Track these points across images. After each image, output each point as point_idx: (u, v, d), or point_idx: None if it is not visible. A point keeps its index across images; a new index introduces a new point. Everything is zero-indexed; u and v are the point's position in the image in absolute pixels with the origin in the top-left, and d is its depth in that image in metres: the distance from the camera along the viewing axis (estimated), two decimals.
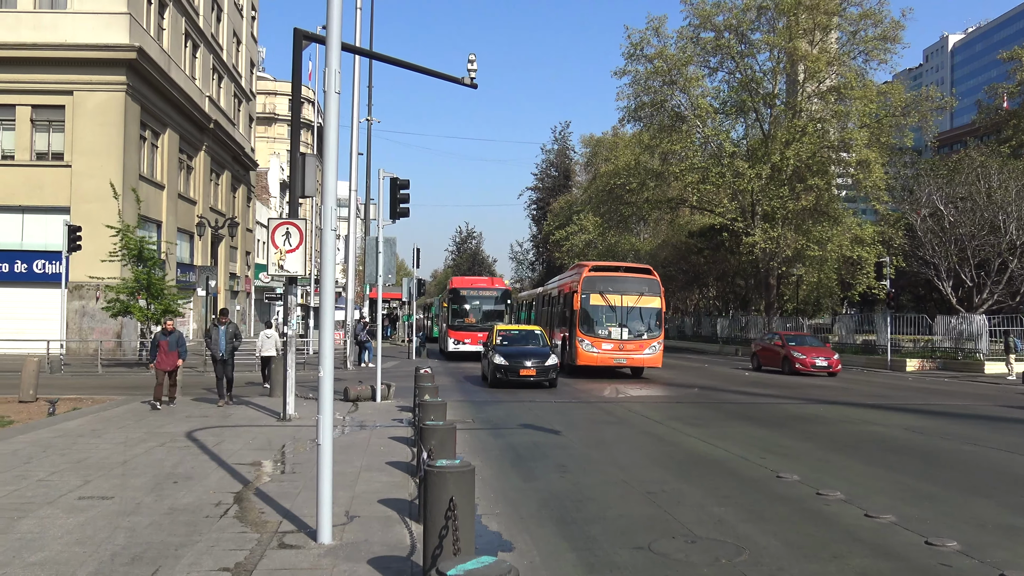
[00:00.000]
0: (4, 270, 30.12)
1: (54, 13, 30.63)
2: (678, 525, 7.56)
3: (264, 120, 71.49)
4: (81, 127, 30.05)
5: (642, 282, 25.82)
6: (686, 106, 42.24)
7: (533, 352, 21.91)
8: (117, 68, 30.14)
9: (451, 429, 7.33)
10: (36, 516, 7.32)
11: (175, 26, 36.61)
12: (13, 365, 21.22)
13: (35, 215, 30.36)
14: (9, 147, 30.74)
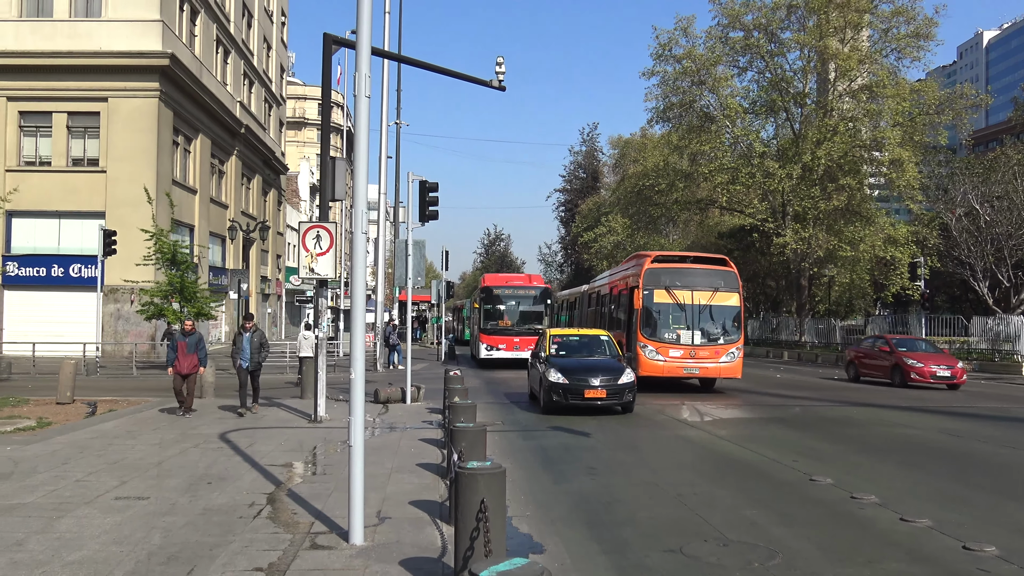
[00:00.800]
0: (41, 274, 30.68)
1: (89, 21, 31.15)
2: (709, 528, 7.50)
3: (294, 124, 72.16)
4: (116, 133, 30.53)
5: (716, 275, 21.74)
6: (715, 106, 41.96)
7: (601, 366, 16.47)
8: (150, 75, 30.58)
9: (481, 431, 7.35)
10: (74, 516, 7.44)
11: (207, 33, 37.08)
12: (51, 367, 21.61)
13: (71, 220, 30.89)
14: (46, 153, 31.31)
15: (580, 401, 15.61)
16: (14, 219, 30.71)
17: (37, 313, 30.06)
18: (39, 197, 30.37)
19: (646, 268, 21.42)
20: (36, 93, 30.48)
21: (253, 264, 43.06)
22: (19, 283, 30.69)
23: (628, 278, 23.18)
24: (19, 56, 29.65)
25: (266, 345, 15.70)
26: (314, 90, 74.91)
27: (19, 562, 6.06)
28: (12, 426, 12.98)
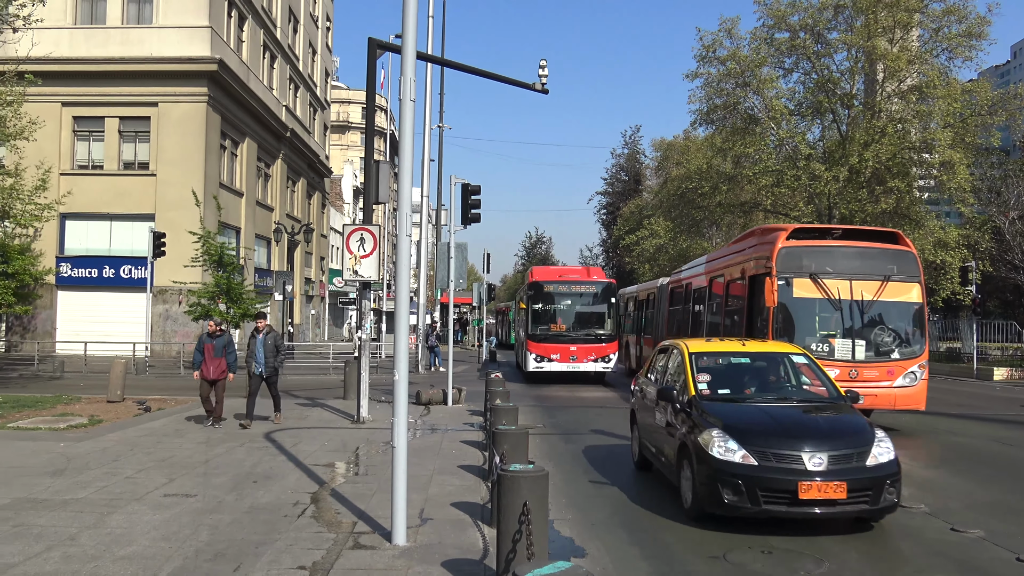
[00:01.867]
0: (93, 275, 31.41)
1: (140, 28, 31.85)
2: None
3: (338, 128, 72.97)
4: (165, 137, 31.15)
5: (885, 256, 14.79)
6: (760, 108, 41.46)
7: (823, 426, 8.37)
8: (199, 80, 31.16)
9: (524, 434, 7.35)
10: (124, 512, 7.60)
11: (254, 38, 37.68)
12: (102, 366, 22.13)
13: (122, 222, 31.57)
14: (98, 157, 32.07)
15: (787, 506, 7.35)
16: (68, 221, 31.48)
17: (89, 313, 30.78)
18: (92, 200, 31.09)
19: (780, 248, 14.46)
20: (89, 99, 31.22)
21: (297, 266, 43.61)
22: (72, 284, 31.46)
23: (747, 263, 16.06)
24: (73, 63, 30.38)
25: (282, 348, 14.38)
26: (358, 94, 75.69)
27: (72, 556, 6.21)
28: (65, 423, 13.31)
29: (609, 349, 24.73)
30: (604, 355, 24.52)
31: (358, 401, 14.48)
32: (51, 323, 31.14)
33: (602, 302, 25.82)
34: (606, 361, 24.57)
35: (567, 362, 24.46)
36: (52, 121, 29.47)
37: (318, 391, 20.40)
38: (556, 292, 25.93)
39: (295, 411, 15.95)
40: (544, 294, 25.65)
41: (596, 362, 24.37)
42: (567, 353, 24.59)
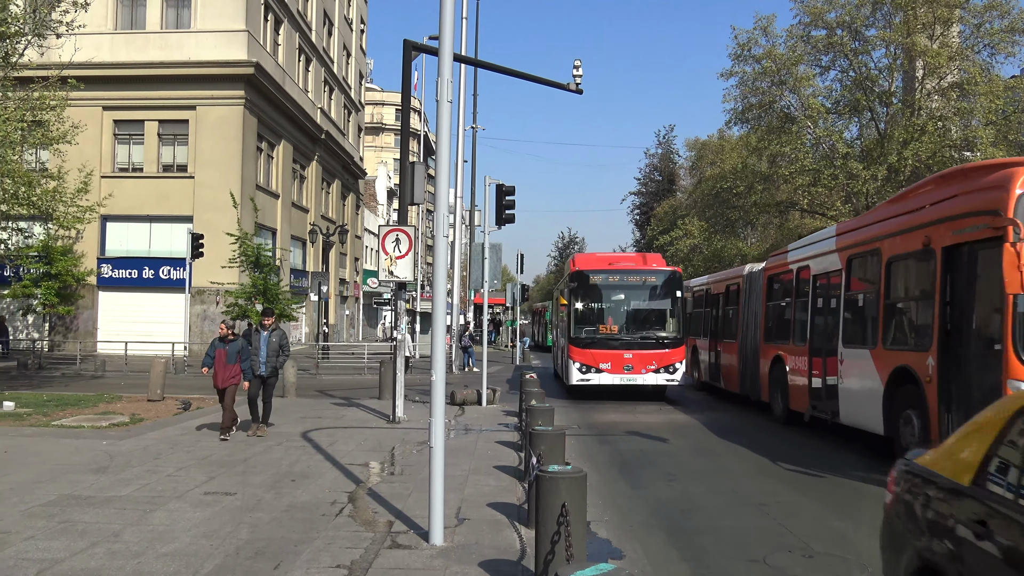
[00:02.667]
0: (133, 276, 31.95)
1: (179, 33, 32.33)
2: (794, 539, 7.32)
3: (372, 130, 73.45)
4: (203, 140, 31.59)
5: None
6: (796, 107, 40.99)
7: None
8: (236, 83, 31.55)
9: (560, 435, 7.34)
10: (166, 509, 7.71)
11: (289, 41, 38.06)
12: (142, 365, 22.49)
13: (161, 224, 32.07)
14: (138, 160, 32.61)
15: None
16: (108, 223, 32.04)
17: (129, 313, 31.30)
18: (132, 202, 31.62)
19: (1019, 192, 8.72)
20: (129, 103, 31.76)
21: (332, 267, 43.98)
22: (113, 284, 32.02)
23: (936, 226, 10.22)
24: (114, 67, 30.92)
25: (286, 347, 13.11)
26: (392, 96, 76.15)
27: (116, 552, 6.31)
28: (107, 421, 13.55)
29: (674, 356, 19.73)
30: (668, 364, 19.56)
31: (393, 401, 14.56)
32: (93, 323, 31.73)
33: (664, 296, 20.61)
34: (670, 372, 19.58)
35: (620, 373, 19.48)
36: (93, 125, 30.01)
37: (354, 391, 20.56)
38: (605, 284, 20.64)
39: (331, 411, 16.09)
40: (590, 287, 20.48)
41: (658, 373, 19.50)
42: (620, 362, 19.55)
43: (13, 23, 17.69)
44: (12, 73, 18.06)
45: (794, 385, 14.97)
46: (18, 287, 28.75)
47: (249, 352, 12.52)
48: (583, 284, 20.46)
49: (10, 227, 21.78)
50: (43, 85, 18.83)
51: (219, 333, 12.55)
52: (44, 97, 18.81)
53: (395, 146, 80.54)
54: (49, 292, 28.69)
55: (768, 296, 17.49)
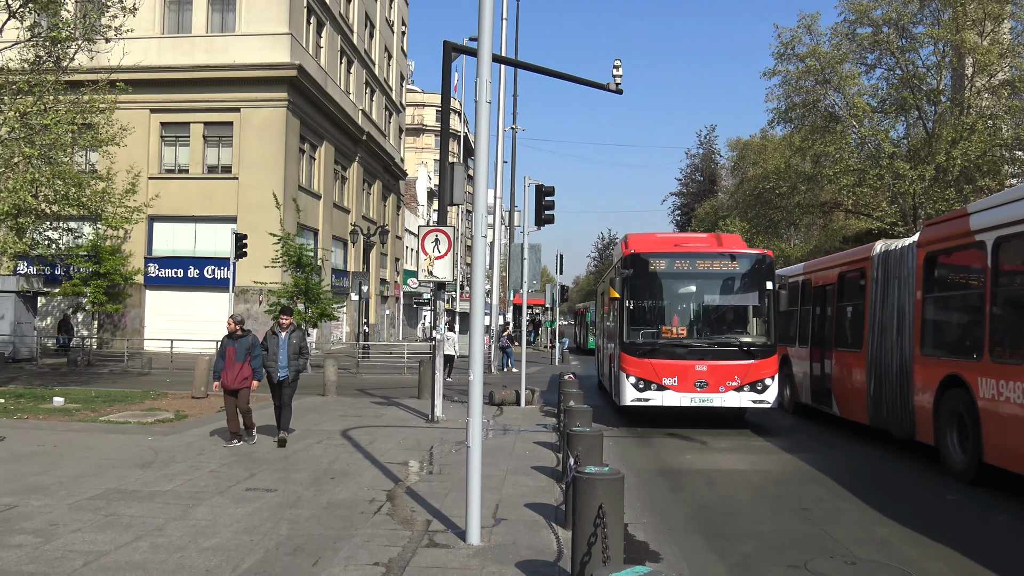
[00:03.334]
0: (179, 275, 32.55)
1: (224, 36, 32.86)
2: (836, 544, 7.19)
3: (412, 131, 73.92)
4: (247, 142, 32.07)
5: None
6: (841, 106, 40.38)
7: None
8: (279, 85, 31.98)
9: (598, 436, 7.30)
10: (208, 504, 7.84)
11: (331, 44, 38.48)
12: (187, 363, 22.91)
13: (206, 224, 32.62)
14: (184, 161, 33.22)
15: None
16: (155, 223, 32.68)
17: (175, 312, 31.90)
18: (177, 203, 32.21)
19: None
20: (176, 105, 32.37)
21: (373, 267, 44.34)
22: (159, 283, 32.66)
23: None
24: (161, 71, 31.54)
25: (305, 351, 12.27)
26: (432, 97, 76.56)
27: (160, 546, 6.43)
28: (153, 418, 13.82)
29: (763, 368, 14.37)
30: (756, 379, 14.26)
31: (432, 400, 14.63)
32: (139, 321, 32.39)
33: (750, 288, 15.18)
34: (758, 390, 14.27)
35: (690, 391, 14.21)
36: (141, 127, 30.63)
37: (393, 390, 20.70)
38: (671, 273, 15.12)
39: (371, 409, 16.21)
40: (650, 276, 14.99)
41: (741, 391, 14.18)
42: (690, 375, 14.27)
43: (64, 28, 18.10)
44: (63, 77, 18.48)
45: (995, 424, 9.31)
46: (68, 286, 29.45)
47: (260, 350, 11.52)
48: (641, 272, 14.91)
49: (61, 227, 22.27)
50: (93, 88, 19.24)
51: (228, 329, 11.55)
52: (94, 100, 19.21)
53: (436, 147, 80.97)
54: (98, 291, 29.34)
55: (929, 285, 11.87)
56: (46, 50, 18.20)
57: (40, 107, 17.49)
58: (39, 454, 10.31)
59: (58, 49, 18.16)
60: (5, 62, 18.01)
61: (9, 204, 16.76)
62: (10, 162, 17.91)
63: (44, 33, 18.01)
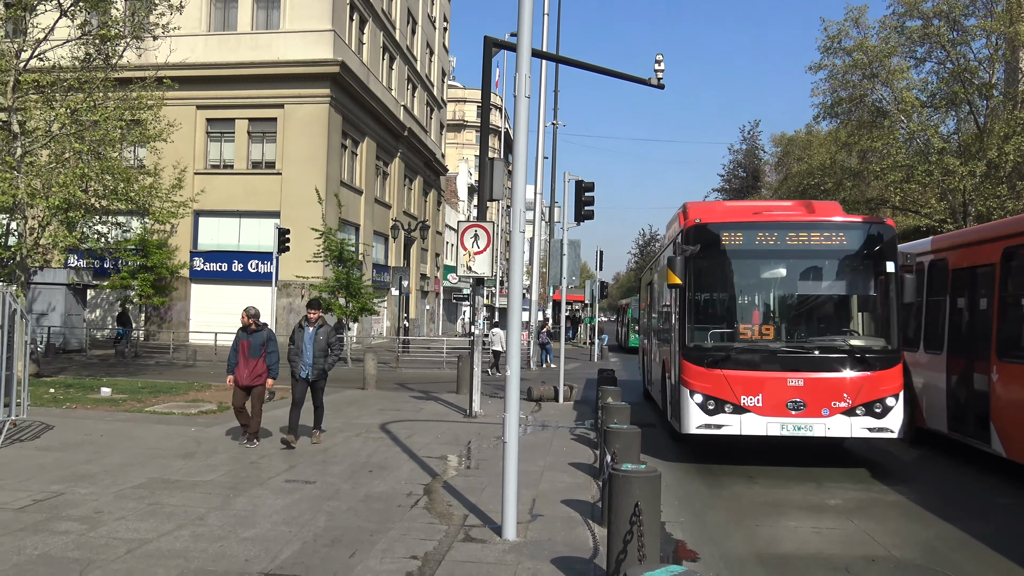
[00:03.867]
0: (223, 269, 33.06)
1: (269, 33, 33.25)
2: (878, 547, 7.06)
3: (453, 127, 74.12)
4: (290, 137, 32.43)
5: None
6: (889, 100, 39.61)
7: None
8: (322, 82, 32.27)
9: (635, 433, 7.25)
10: (248, 495, 7.95)
11: (374, 40, 38.73)
12: None
13: (250, 219, 33.07)
14: (229, 157, 33.71)
15: None
16: (201, 218, 33.21)
17: (219, 305, 32.38)
18: (222, 198, 32.70)
19: None
20: (221, 101, 32.84)
21: (413, 262, 44.58)
22: (204, 277, 33.20)
23: None
24: (208, 68, 32.01)
25: (335, 346, 11.21)
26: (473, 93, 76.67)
27: (201, 535, 6.53)
28: (196, 409, 14.05)
29: (885, 383, 10.44)
30: (875, 397, 10.36)
31: (470, 396, 14.67)
32: (185, 314, 32.96)
33: (864, 271, 11.19)
34: (878, 412, 10.34)
35: (782, 414, 10.33)
36: (187, 123, 31.13)
37: (432, 385, 20.80)
38: (751, 250, 11.19)
39: (410, 403, 16.31)
40: (722, 255, 11.16)
41: (854, 414, 10.30)
42: (781, 392, 10.37)
43: (114, 26, 18.47)
44: (112, 74, 18.86)
45: None
46: (117, 279, 30.08)
47: (275, 345, 10.86)
48: (709, 249, 10.97)
49: (110, 221, 22.75)
50: (141, 85, 19.61)
51: (246, 323, 10.95)
52: (142, 97, 19.59)
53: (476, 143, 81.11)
54: (145, 284, 29.90)
55: None
56: (96, 48, 18.60)
57: (90, 104, 17.87)
58: (86, 443, 10.54)
59: (107, 47, 18.54)
60: (56, 60, 18.43)
61: (60, 198, 17.15)
62: (61, 157, 18.35)
63: (94, 31, 18.40)
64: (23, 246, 18.05)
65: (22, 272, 18.39)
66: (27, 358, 11.71)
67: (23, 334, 10.97)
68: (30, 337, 12.13)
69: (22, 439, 10.65)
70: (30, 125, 18.18)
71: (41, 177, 17.63)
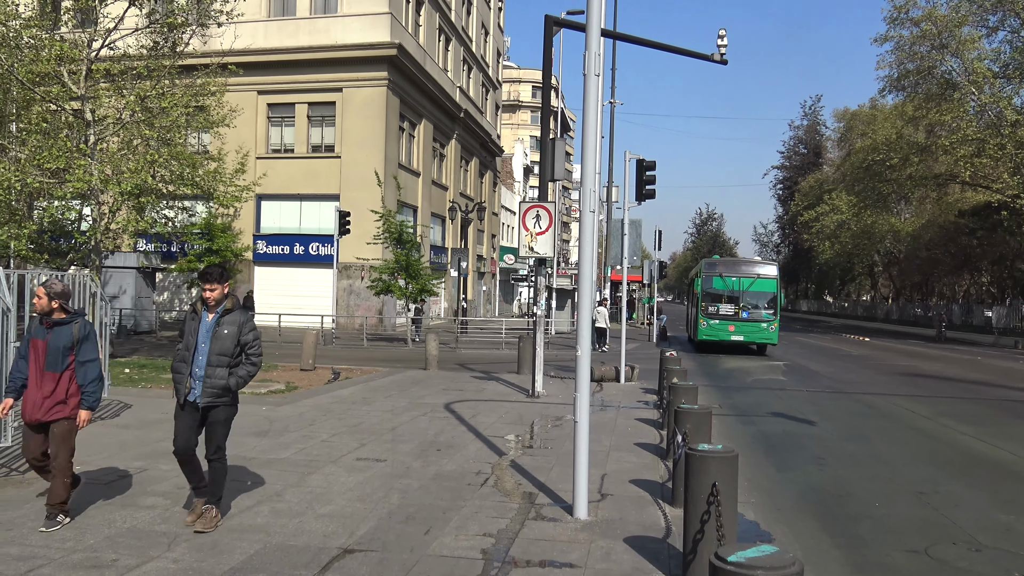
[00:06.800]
0: (285, 252, 33.67)
1: (327, 18, 33.56)
2: (958, 530, 6.91)
3: (508, 107, 73.98)
4: (349, 121, 32.77)
5: None
6: (959, 71, 38.27)
7: None
8: (380, 65, 32.49)
9: (707, 413, 7.19)
10: (322, 473, 8.12)
11: (430, 22, 38.80)
12: (294, 336, 23.71)
13: (310, 202, 33.59)
14: (289, 141, 34.22)
15: None
16: (263, 202, 33.84)
17: (282, 287, 33.05)
18: (283, 181, 33.26)
19: None
20: (281, 86, 33.32)
21: (470, 243, 44.77)
22: (266, 260, 33.87)
23: None
24: (268, 53, 32.48)
25: (252, 346, 6.48)
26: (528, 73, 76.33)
27: (279, 511, 6.70)
28: (266, 389, 14.37)
29: None
30: None
31: (532, 376, 14.71)
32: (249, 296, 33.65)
33: None
34: None
35: None
36: (249, 109, 31.66)
37: (492, 365, 20.91)
38: None
39: (471, 384, 16.43)
40: None
41: None
42: None
43: (180, 14, 18.84)
44: (179, 62, 19.26)
45: None
46: (184, 262, 30.82)
47: (94, 348, 6.31)
48: None
49: (176, 206, 23.30)
50: (205, 72, 19.99)
51: (36, 307, 6.25)
52: (207, 83, 19.97)
53: (531, 123, 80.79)
54: None
55: None
56: (163, 36, 18.99)
57: (158, 91, 18.28)
58: (163, 421, 10.86)
59: (174, 35, 18.92)
60: (125, 48, 18.88)
61: (131, 184, 17.61)
62: (131, 144, 18.84)
63: (161, 20, 18.79)
64: (96, 231, 18.60)
65: (96, 256, 18.97)
66: (107, 339, 12.10)
67: (102, 316, 11.33)
68: (109, 319, 12.52)
69: (104, 417, 11.03)
70: (100, 113, 18.68)
71: (112, 164, 18.13)
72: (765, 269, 28.74)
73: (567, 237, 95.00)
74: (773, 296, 27.83)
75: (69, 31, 19.01)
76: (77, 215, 19.99)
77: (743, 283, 27.99)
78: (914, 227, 57.33)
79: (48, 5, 19.68)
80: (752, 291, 27.83)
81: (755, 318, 27.61)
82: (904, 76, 40.46)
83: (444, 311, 40.32)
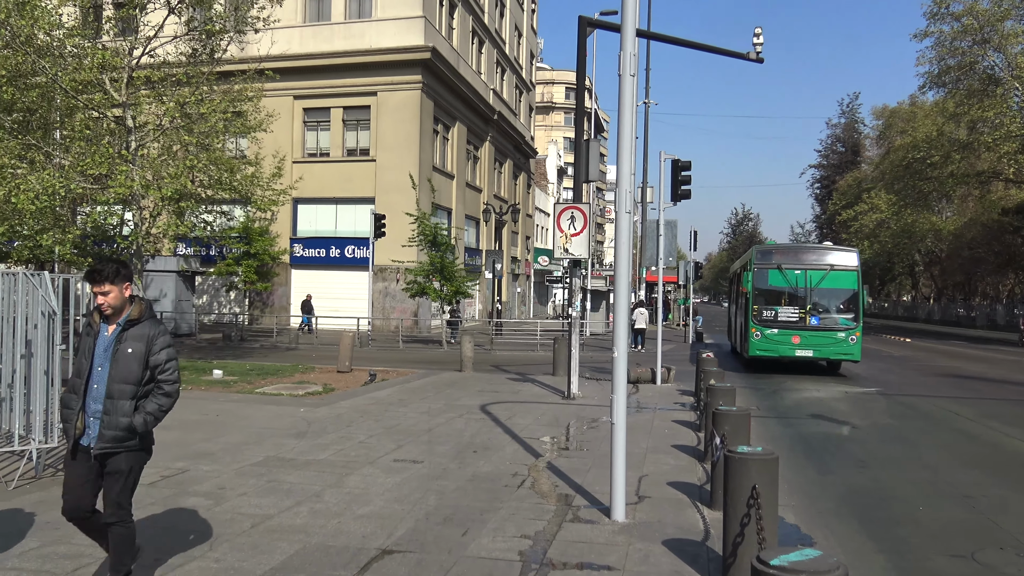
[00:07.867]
0: (321, 255, 33.98)
1: (361, 23, 33.83)
2: (1005, 535, 6.76)
3: (542, 109, 73.98)
4: (383, 124, 33.00)
5: None
6: (1002, 67, 37.50)
7: None
8: (414, 68, 32.67)
9: (745, 415, 7.13)
10: (360, 474, 8.17)
11: (463, 25, 38.94)
12: (331, 338, 23.91)
13: (346, 205, 33.87)
14: (325, 145, 34.55)
15: None
16: (299, 205, 34.19)
17: (318, 289, 33.35)
18: (319, 185, 33.58)
19: None
20: (317, 91, 33.65)
21: (504, 245, 44.83)
22: (303, 263, 34.22)
23: None
24: (304, 58, 32.83)
25: (164, 369, 4.71)
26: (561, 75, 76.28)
27: (319, 511, 6.76)
28: (303, 390, 14.52)
29: None
30: None
31: (568, 377, 14.68)
32: (286, 299, 34.05)
33: None
34: None
35: None
36: (286, 113, 32.05)
37: (527, 367, 20.91)
38: None
39: (507, 385, 16.44)
40: None
41: None
42: None
43: (218, 21, 19.11)
44: (217, 68, 19.54)
45: None
46: (223, 266, 31.30)
47: None
48: None
49: (215, 210, 23.62)
50: (243, 78, 20.25)
51: None
52: (244, 89, 20.23)
53: (565, 124, 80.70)
54: (249, 270, 31.01)
55: None
56: (201, 43, 19.28)
57: (197, 97, 18.55)
58: (203, 423, 11.03)
59: (212, 41, 19.19)
60: (164, 56, 19.20)
61: (172, 189, 17.89)
62: (171, 150, 19.15)
63: (199, 27, 19.07)
64: (138, 235, 18.92)
65: (138, 260, 19.29)
66: None
67: None
68: None
69: None
70: (141, 119, 19.01)
71: (153, 169, 18.44)
72: (841, 257, 21.07)
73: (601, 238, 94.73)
74: (853, 294, 20.60)
75: (111, 40, 19.36)
76: (119, 220, 20.36)
77: (811, 277, 20.64)
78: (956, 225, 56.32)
79: (90, 15, 20.05)
80: (823, 288, 20.62)
81: (829, 325, 20.41)
82: (945, 72, 39.77)
83: (479, 313, 40.41)
